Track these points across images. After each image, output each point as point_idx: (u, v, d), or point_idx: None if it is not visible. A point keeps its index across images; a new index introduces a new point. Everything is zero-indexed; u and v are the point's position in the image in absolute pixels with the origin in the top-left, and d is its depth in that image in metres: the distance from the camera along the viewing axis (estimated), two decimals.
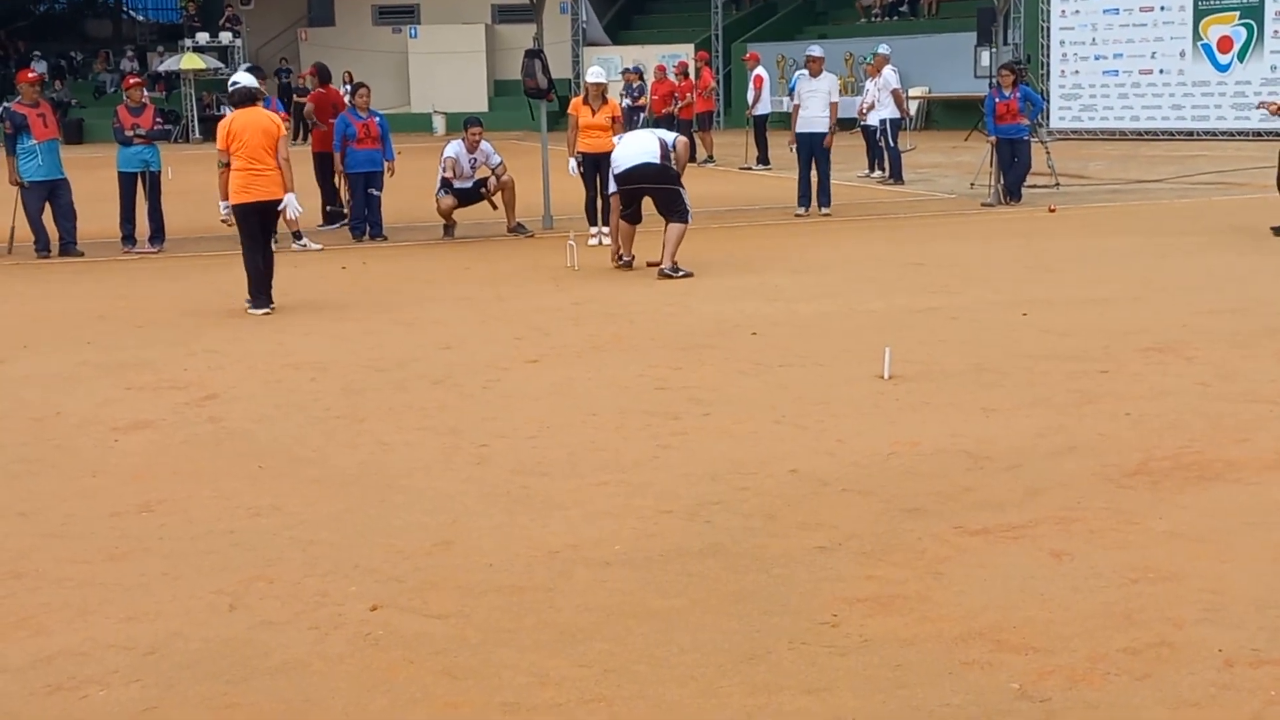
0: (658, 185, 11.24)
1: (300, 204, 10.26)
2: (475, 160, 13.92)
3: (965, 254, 12.17)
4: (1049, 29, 27.62)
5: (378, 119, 14.16)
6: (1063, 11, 27.36)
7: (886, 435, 6.24)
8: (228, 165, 9.90)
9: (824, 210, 15.55)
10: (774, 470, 5.75)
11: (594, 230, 13.52)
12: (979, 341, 8.28)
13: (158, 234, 13.72)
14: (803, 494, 5.44)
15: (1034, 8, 27.94)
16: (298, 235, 13.52)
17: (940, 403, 6.81)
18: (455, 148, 13.91)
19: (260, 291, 9.97)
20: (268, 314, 9.85)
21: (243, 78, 10.39)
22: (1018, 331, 8.55)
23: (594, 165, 13.30)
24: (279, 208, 10.01)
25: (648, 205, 11.63)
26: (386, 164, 14.12)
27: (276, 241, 13.30)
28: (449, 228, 14.22)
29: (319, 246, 13.56)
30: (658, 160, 11.18)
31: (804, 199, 15.66)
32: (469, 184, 14.05)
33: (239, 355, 8.47)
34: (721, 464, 5.86)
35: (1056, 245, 12.60)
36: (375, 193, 14.14)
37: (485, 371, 7.79)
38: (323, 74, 15.95)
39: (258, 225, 9.99)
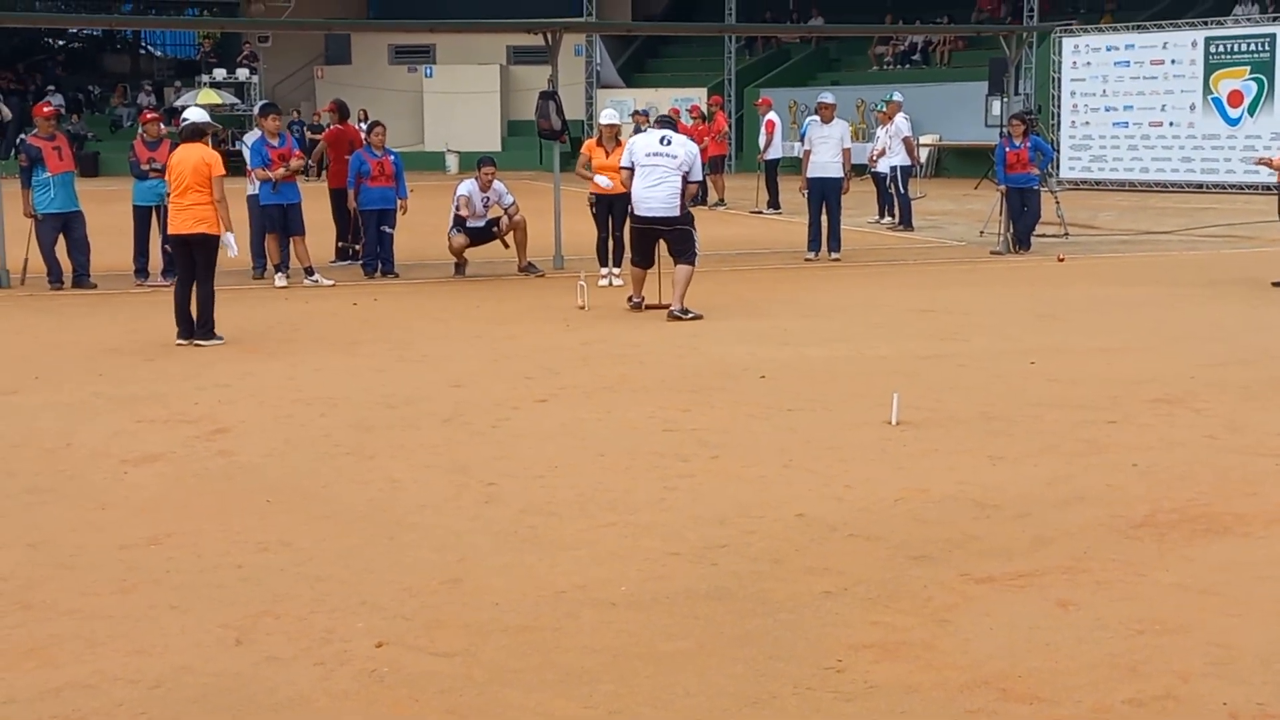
0: (673, 228, 11.31)
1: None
2: (488, 199, 13.99)
3: (974, 301, 12.21)
4: (1060, 80, 27.77)
5: (393, 157, 14.25)
6: (1074, 63, 27.51)
7: (894, 481, 6.25)
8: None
9: (834, 255, 15.62)
10: (781, 514, 5.76)
11: (604, 271, 13.56)
12: (987, 389, 8.29)
13: (170, 267, 13.77)
14: (810, 539, 5.44)
15: (1045, 59, 28.13)
16: (309, 271, 13.59)
17: (948, 450, 6.82)
18: (468, 186, 13.99)
19: (182, 322, 10.18)
20: (180, 345, 10.06)
21: (191, 114, 10.74)
22: (1026, 380, 8.57)
23: (606, 206, 13.37)
24: (220, 243, 10.28)
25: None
26: (400, 202, 14.21)
27: (289, 273, 13.50)
28: (460, 266, 14.29)
29: (331, 282, 13.62)
30: (678, 212, 11.26)
31: (814, 244, 15.74)
32: (481, 223, 14.12)
33: (249, 390, 8.50)
34: (729, 507, 5.87)
35: (1065, 294, 12.63)
36: (388, 230, 14.21)
37: (495, 410, 7.81)
38: (342, 111, 16.07)
39: (186, 258, 10.28)
